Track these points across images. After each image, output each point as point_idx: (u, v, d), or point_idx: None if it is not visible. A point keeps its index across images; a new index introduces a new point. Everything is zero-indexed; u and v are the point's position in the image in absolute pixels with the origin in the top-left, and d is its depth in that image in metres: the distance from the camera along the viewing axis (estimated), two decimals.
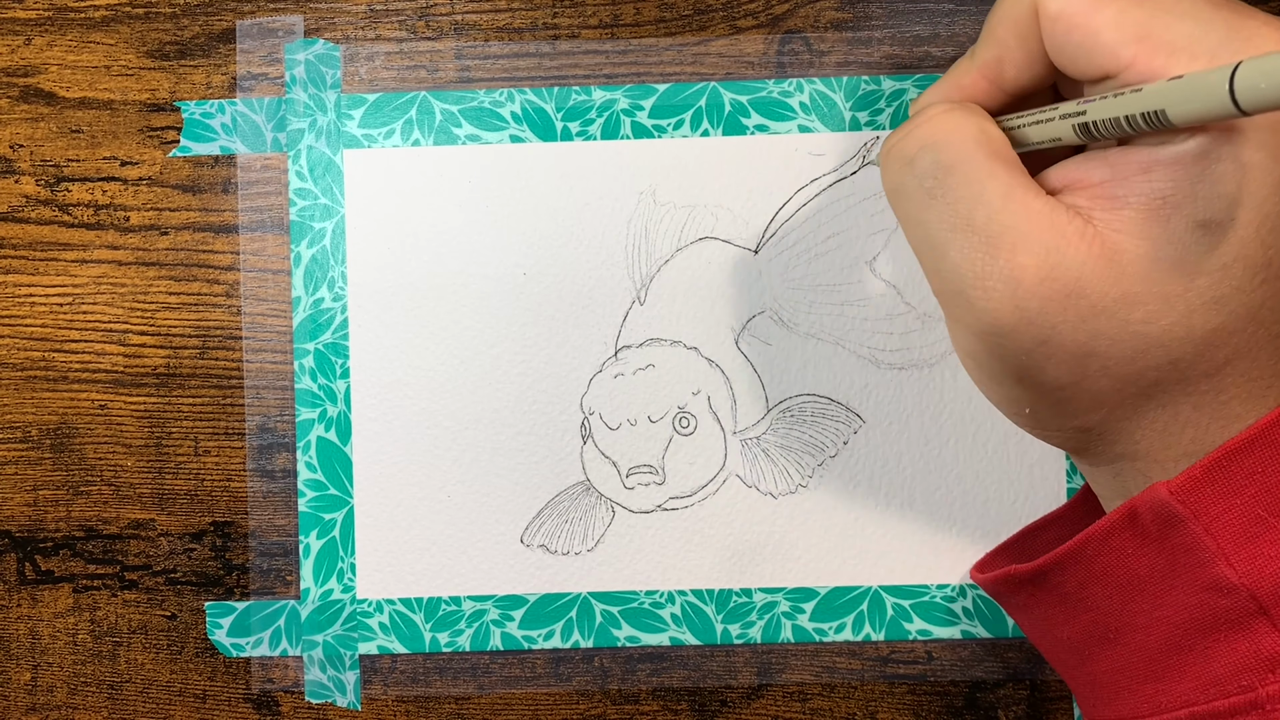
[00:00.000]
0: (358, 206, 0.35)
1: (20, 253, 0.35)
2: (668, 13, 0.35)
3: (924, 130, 0.24)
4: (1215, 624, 0.23)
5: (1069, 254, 0.22)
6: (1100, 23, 0.22)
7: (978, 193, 0.23)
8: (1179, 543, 0.23)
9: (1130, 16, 0.21)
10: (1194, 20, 0.21)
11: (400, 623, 0.35)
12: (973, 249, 0.23)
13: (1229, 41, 0.21)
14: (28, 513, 0.35)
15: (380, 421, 0.35)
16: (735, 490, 0.34)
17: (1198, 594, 0.23)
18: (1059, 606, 0.26)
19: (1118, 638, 0.25)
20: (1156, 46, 0.21)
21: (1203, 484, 0.22)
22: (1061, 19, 0.22)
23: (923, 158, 0.24)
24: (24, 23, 0.35)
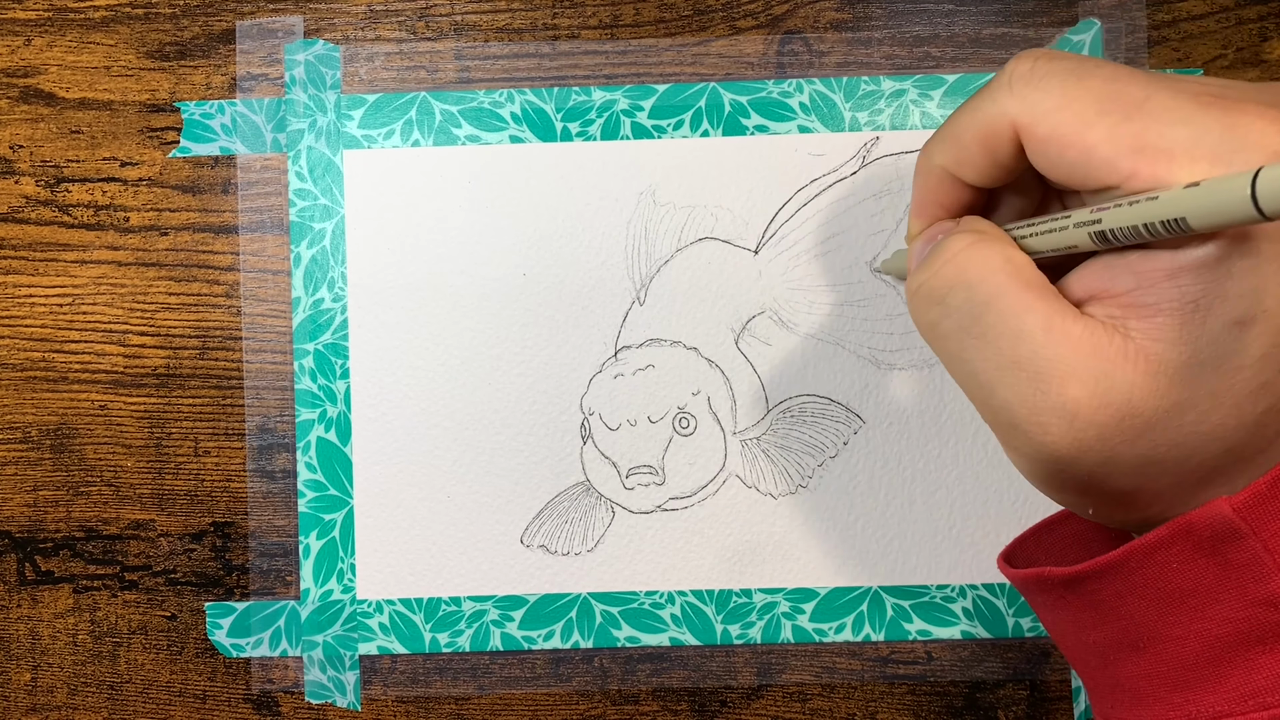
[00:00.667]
0: (358, 207, 0.35)
1: (20, 253, 0.35)
2: (667, 13, 0.35)
3: (950, 269, 0.24)
4: (1262, 637, 0.23)
5: (1117, 377, 0.22)
6: (1093, 140, 0.22)
7: (1017, 329, 0.23)
8: (1234, 558, 0.23)
9: (1122, 130, 0.21)
10: (1187, 125, 0.21)
11: (400, 623, 0.35)
12: (1021, 385, 0.23)
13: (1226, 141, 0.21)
14: (28, 513, 0.35)
15: (380, 422, 0.35)
16: (735, 490, 0.34)
17: (1247, 609, 0.23)
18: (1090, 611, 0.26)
19: (1148, 646, 0.25)
20: (1156, 156, 0.21)
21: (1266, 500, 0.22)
22: (1052, 141, 0.22)
23: (954, 297, 0.24)
24: (24, 23, 0.35)
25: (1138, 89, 0.22)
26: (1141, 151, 0.21)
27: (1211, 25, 0.35)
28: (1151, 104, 0.22)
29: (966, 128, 0.24)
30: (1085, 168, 0.22)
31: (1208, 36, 0.35)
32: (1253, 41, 0.35)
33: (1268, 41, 0.35)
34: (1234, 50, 0.35)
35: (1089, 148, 0.22)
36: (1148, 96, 0.22)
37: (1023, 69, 0.23)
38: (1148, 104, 0.22)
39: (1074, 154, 0.22)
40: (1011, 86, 0.23)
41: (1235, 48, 0.35)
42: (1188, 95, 0.22)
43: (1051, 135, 0.22)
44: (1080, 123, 0.22)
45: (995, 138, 0.24)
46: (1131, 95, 0.22)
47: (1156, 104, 0.21)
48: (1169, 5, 0.35)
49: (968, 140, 0.24)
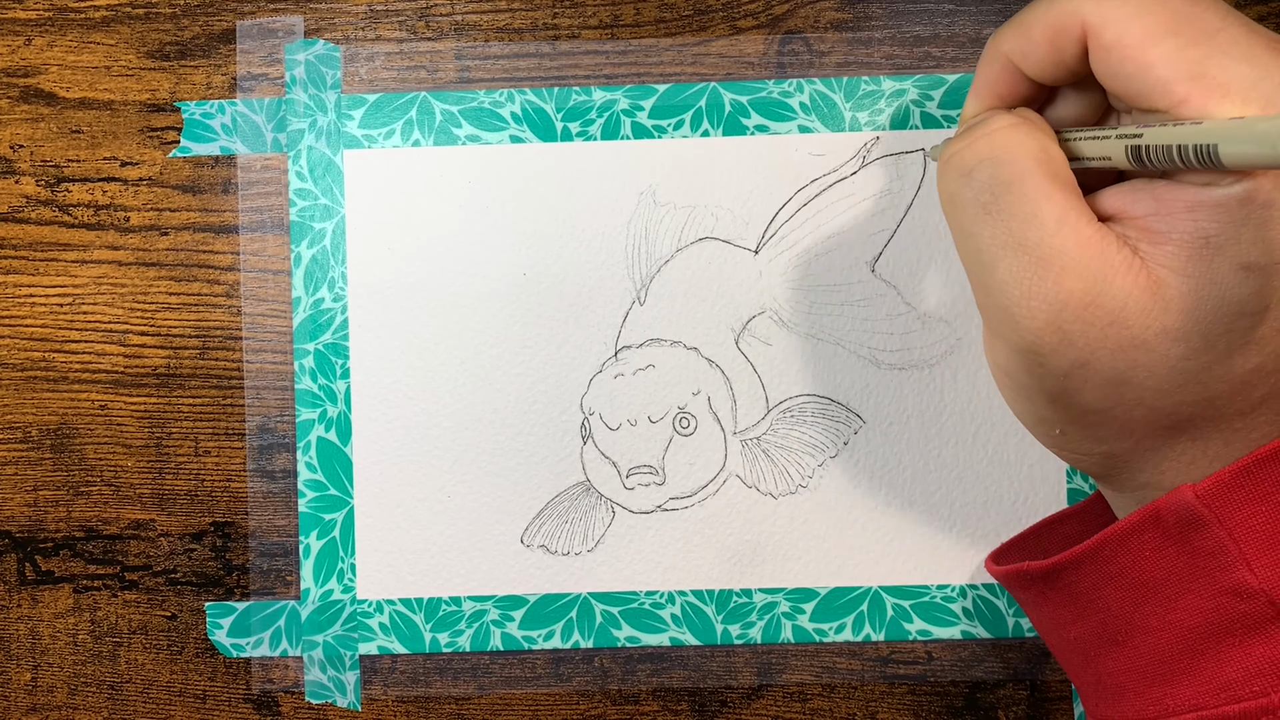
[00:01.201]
0: (358, 207, 0.35)
1: (20, 253, 0.35)
2: (668, 13, 0.35)
3: (985, 144, 0.24)
4: (1230, 628, 0.23)
5: (1115, 283, 0.22)
6: (1155, 57, 0.21)
7: (1032, 213, 0.23)
8: (1200, 546, 0.23)
9: (1186, 54, 0.21)
10: (1250, 64, 0.21)
11: (400, 623, 0.35)
12: (1021, 268, 0.23)
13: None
14: (28, 513, 0.35)
15: (380, 422, 0.35)
16: (735, 490, 0.34)
17: (1215, 598, 0.23)
18: (1069, 606, 0.26)
19: (1126, 639, 0.25)
20: (1211, 86, 0.21)
21: (1229, 489, 0.22)
22: (1115, 49, 0.22)
23: (981, 171, 0.24)
24: (24, 23, 0.35)
25: (1215, 18, 0.22)
26: (1198, 79, 0.21)
27: None
28: (1223, 36, 0.21)
29: (1038, 19, 0.24)
30: (1141, 84, 0.22)
31: None
32: None
33: None
34: None
35: (1149, 64, 0.21)
36: (1222, 28, 0.21)
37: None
38: (1220, 35, 0.21)
39: (1133, 67, 0.22)
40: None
41: None
42: (1261, 37, 0.21)
43: (1116, 42, 0.22)
44: (1147, 36, 0.22)
45: (1063, 33, 0.23)
46: (1207, 22, 0.21)
47: (1227, 37, 0.21)
48: None
49: (1036, 32, 0.24)
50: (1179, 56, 0.21)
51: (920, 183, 0.34)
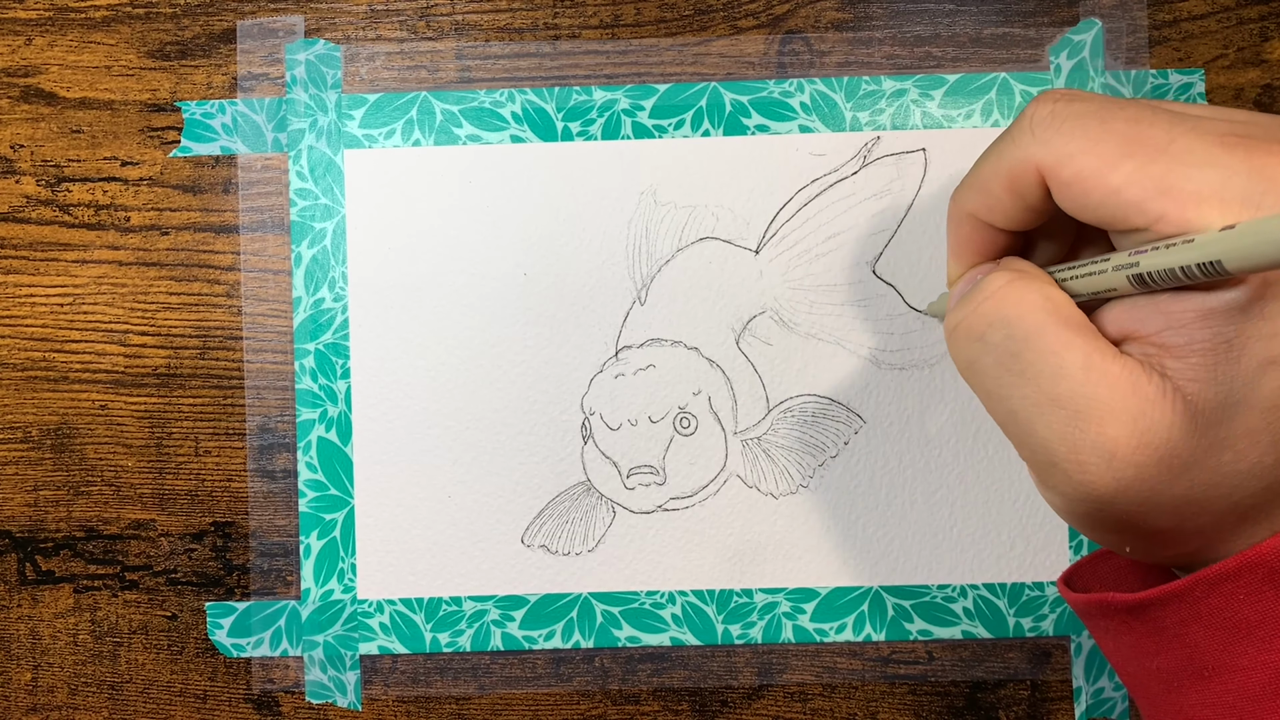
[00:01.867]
0: (358, 206, 0.35)
1: (21, 253, 0.35)
2: (668, 13, 0.35)
3: (990, 305, 0.24)
4: None
5: (1156, 418, 0.22)
6: (1118, 182, 0.22)
7: (1057, 366, 0.23)
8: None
9: (1148, 172, 0.21)
10: (1213, 167, 0.21)
11: (401, 623, 0.35)
12: (1061, 424, 0.23)
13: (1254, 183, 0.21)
14: (28, 513, 0.35)
15: (380, 422, 0.35)
16: (736, 490, 0.34)
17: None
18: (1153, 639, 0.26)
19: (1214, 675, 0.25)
20: (1184, 199, 0.21)
21: None
22: (1077, 183, 0.22)
23: (994, 334, 0.24)
24: (24, 23, 0.35)
25: (1161, 131, 0.22)
26: (1169, 193, 0.21)
27: (1212, 25, 0.35)
28: (1176, 147, 0.22)
29: (992, 174, 0.24)
30: (1113, 209, 0.22)
31: (1208, 36, 0.35)
32: (1253, 41, 0.35)
33: (1268, 41, 0.35)
34: (1235, 50, 0.35)
35: (1115, 190, 0.22)
36: (1172, 139, 0.22)
37: (1044, 112, 0.23)
38: (1172, 147, 0.22)
39: (1100, 196, 0.22)
40: (1034, 130, 0.23)
41: (1236, 48, 0.35)
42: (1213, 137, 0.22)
43: (1076, 178, 0.22)
44: (1105, 165, 0.22)
45: (1021, 181, 0.24)
46: (1155, 138, 0.22)
47: (1180, 147, 0.21)
48: (1170, 5, 0.35)
49: (994, 187, 0.24)
50: (1142, 176, 0.22)
51: (920, 183, 0.34)
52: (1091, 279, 0.24)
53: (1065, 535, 0.34)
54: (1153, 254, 0.22)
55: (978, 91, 0.34)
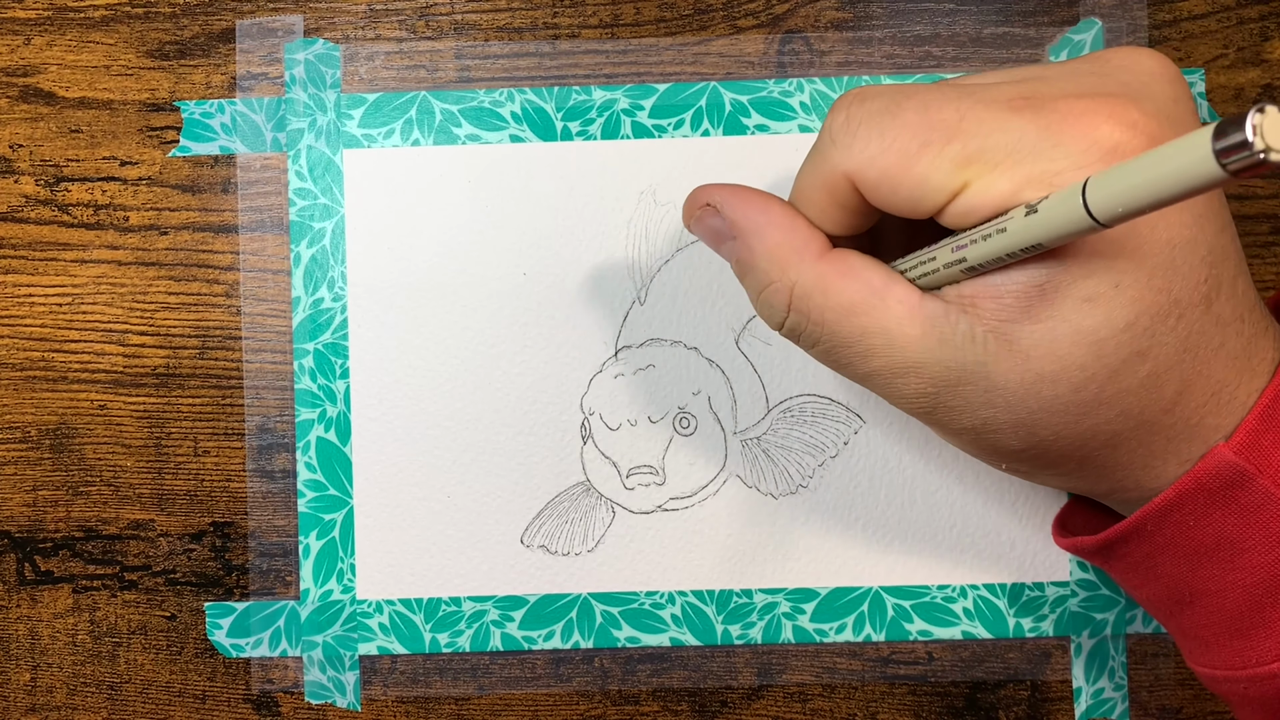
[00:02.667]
0: (357, 206, 0.35)
1: (20, 253, 0.35)
2: (668, 13, 0.35)
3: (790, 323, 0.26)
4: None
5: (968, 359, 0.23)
6: (922, 170, 0.23)
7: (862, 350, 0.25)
8: (1248, 502, 0.23)
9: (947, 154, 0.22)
10: (1003, 132, 0.22)
11: (400, 623, 0.34)
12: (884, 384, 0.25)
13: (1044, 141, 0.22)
14: (27, 513, 0.35)
15: (380, 422, 0.35)
16: (735, 490, 0.34)
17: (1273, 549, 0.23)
18: (1131, 573, 0.27)
19: (1194, 600, 0.25)
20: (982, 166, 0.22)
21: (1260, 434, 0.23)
22: (884, 182, 0.23)
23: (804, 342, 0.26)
24: (24, 23, 0.35)
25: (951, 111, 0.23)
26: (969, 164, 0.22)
27: (1212, 25, 0.35)
28: (966, 122, 0.22)
29: (811, 190, 0.25)
30: (922, 195, 0.23)
31: (1209, 36, 0.35)
32: (1254, 41, 0.35)
33: (1268, 41, 0.35)
34: (1235, 50, 0.35)
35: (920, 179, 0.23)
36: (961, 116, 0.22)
37: (838, 121, 0.24)
38: (963, 123, 0.22)
39: (907, 189, 0.23)
40: (834, 140, 0.24)
41: (1236, 47, 0.35)
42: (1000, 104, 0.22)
43: (882, 178, 0.23)
44: (906, 159, 0.23)
45: (837, 191, 0.24)
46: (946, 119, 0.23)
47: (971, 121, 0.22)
48: (1170, 5, 0.35)
49: (818, 200, 0.25)
50: (940, 159, 0.22)
51: None
52: (928, 278, 0.24)
53: None
54: (974, 246, 0.22)
55: None
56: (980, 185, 0.22)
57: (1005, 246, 0.22)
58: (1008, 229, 0.21)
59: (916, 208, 0.23)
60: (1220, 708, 0.34)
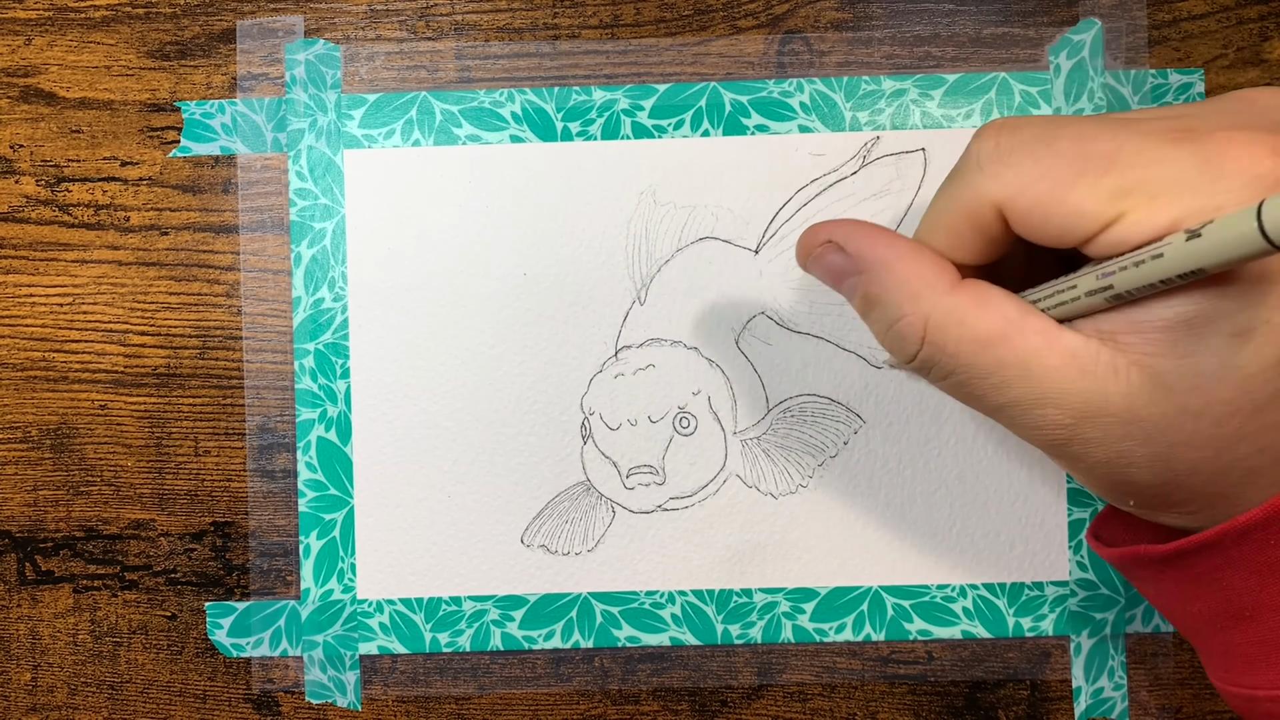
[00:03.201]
0: (358, 206, 0.35)
1: (20, 253, 0.35)
2: (668, 13, 0.35)
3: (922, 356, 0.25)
4: None
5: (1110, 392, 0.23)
6: (1076, 200, 0.22)
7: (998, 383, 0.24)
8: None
9: (1102, 185, 0.22)
10: (1163, 165, 0.22)
11: (400, 623, 0.35)
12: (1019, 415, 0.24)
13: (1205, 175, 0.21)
14: (28, 513, 0.35)
15: (380, 421, 0.35)
16: (735, 490, 0.34)
17: None
18: (1191, 585, 0.26)
19: (1254, 615, 0.25)
20: (1139, 200, 0.22)
21: None
22: (1036, 211, 0.23)
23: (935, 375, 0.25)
24: (24, 23, 0.35)
25: (1107, 141, 0.22)
26: (1126, 195, 0.22)
27: (1212, 25, 0.35)
28: (1124, 153, 0.22)
29: (951, 216, 0.25)
30: (1074, 227, 0.22)
31: (1208, 36, 0.35)
32: (1253, 41, 0.35)
33: (1268, 41, 0.35)
34: (1234, 50, 0.35)
35: (1075, 208, 0.22)
36: (1119, 147, 0.22)
37: (989, 147, 0.24)
38: (1120, 154, 0.22)
39: (1060, 218, 0.23)
40: (982, 167, 0.24)
41: (1236, 47, 0.35)
42: (1157, 136, 0.22)
43: (1034, 206, 0.23)
44: (1060, 186, 0.22)
45: (980, 220, 0.24)
46: (1102, 150, 0.22)
47: (1129, 152, 0.22)
48: (1169, 5, 0.35)
49: (956, 228, 0.25)
50: (1097, 189, 0.22)
51: (920, 182, 0.34)
52: (1064, 307, 0.24)
53: (1065, 535, 0.34)
54: (1123, 274, 0.22)
55: (977, 91, 0.34)
56: (1137, 216, 0.22)
57: (1161, 272, 0.21)
58: (1165, 254, 0.21)
59: (1065, 237, 0.23)
60: (1220, 707, 0.34)
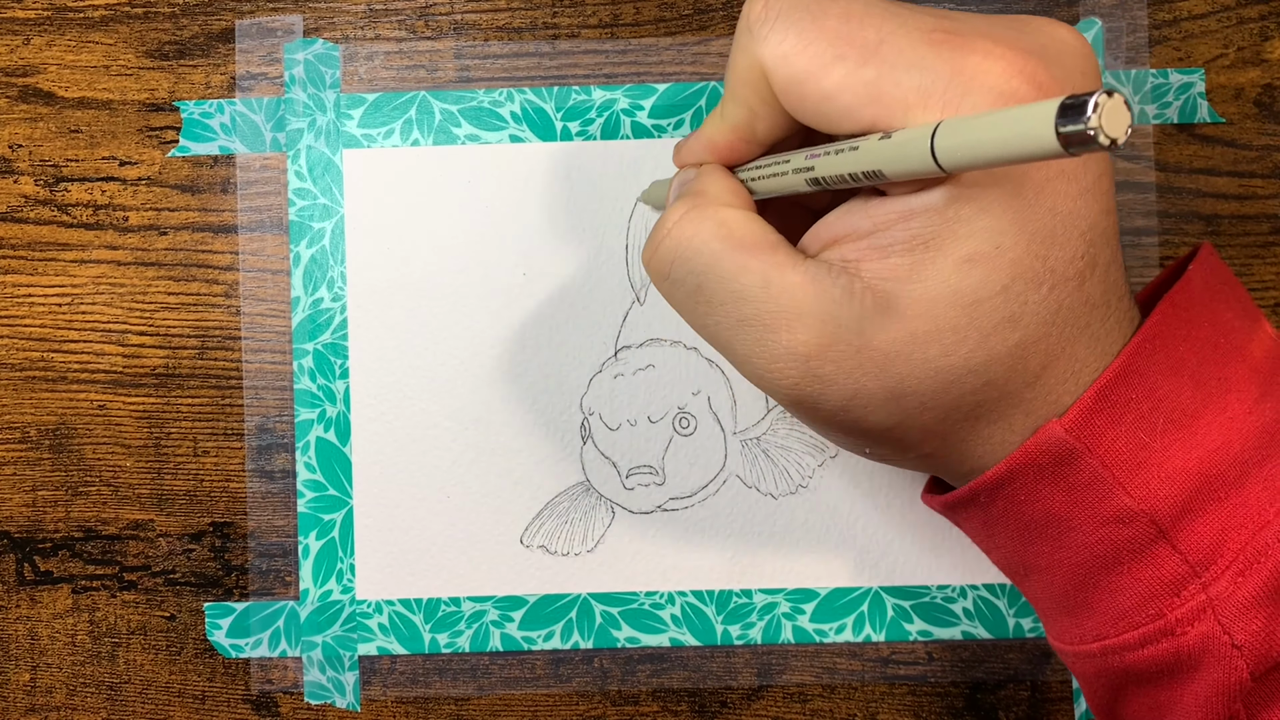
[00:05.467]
0: (357, 206, 0.35)
1: (19, 253, 0.35)
2: (668, 12, 0.35)
3: (668, 244, 0.25)
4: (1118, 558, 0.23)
5: (843, 314, 0.22)
6: (831, 86, 0.22)
7: (736, 290, 0.23)
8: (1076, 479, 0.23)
9: (858, 77, 0.22)
10: (919, 70, 0.21)
11: (400, 624, 0.34)
12: (753, 340, 0.24)
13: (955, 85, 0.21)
14: (27, 513, 0.35)
15: (380, 422, 0.34)
16: (735, 491, 0.34)
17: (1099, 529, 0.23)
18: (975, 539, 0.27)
19: (1028, 575, 0.26)
20: (892, 106, 0.21)
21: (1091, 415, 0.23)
22: (793, 84, 0.23)
23: (677, 271, 0.25)
24: (23, 23, 0.35)
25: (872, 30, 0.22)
26: (877, 101, 0.22)
27: (1212, 25, 0.35)
28: (886, 48, 0.22)
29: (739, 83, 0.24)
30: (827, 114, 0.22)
31: (1209, 36, 0.35)
32: (1253, 41, 0.35)
33: (1268, 41, 0.35)
34: (1235, 50, 0.35)
35: (828, 94, 0.22)
36: (882, 39, 0.22)
37: (757, 10, 0.23)
38: (882, 48, 0.22)
39: (815, 100, 0.22)
40: (751, 29, 0.23)
41: (1236, 47, 0.35)
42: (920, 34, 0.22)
43: (792, 80, 0.23)
44: (818, 67, 0.22)
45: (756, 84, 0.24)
46: (866, 38, 0.22)
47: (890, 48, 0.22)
48: (1170, 4, 0.35)
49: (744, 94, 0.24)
50: (853, 80, 0.22)
51: None
52: (774, 180, 0.24)
53: None
54: (825, 159, 0.22)
55: None
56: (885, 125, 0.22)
57: (851, 165, 0.21)
58: (860, 148, 0.21)
59: (818, 121, 0.23)
60: None
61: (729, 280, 0.24)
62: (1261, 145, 0.35)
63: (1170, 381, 0.23)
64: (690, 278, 0.24)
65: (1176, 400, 0.23)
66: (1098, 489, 0.23)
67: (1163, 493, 0.22)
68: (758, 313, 0.23)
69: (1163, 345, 0.23)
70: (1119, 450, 0.23)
